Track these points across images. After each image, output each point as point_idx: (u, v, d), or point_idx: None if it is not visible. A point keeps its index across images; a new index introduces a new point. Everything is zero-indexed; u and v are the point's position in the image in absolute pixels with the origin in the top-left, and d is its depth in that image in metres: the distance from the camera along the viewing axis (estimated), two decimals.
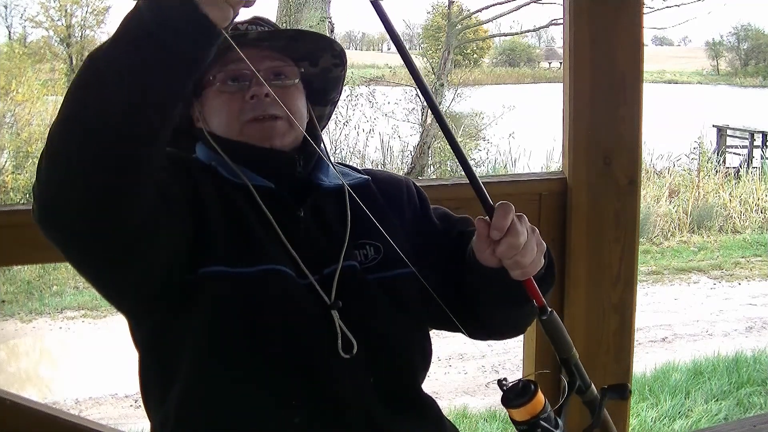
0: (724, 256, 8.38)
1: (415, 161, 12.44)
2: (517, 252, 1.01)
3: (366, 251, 1.18)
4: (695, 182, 10.35)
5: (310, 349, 1.10)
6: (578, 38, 1.86)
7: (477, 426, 4.29)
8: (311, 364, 1.09)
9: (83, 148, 0.90)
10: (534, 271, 1.04)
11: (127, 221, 0.95)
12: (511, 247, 1.01)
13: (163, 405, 1.12)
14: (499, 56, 39.79)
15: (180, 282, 1.06)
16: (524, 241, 1.01)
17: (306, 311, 1.10)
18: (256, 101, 1.15)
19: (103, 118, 0.89)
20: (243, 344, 1.08)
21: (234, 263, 1.07)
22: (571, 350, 1.08)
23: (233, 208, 1.11)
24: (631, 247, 1.93)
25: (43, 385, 5.61)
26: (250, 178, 1.14)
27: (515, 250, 1.01)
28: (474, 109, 14.39)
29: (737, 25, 44.80)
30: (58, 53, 19.61)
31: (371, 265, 1.18)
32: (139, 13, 0.87)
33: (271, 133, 1.15)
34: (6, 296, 7.28)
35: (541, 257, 1.05)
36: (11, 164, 11.12)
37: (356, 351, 1.09)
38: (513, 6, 13.55)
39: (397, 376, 1.18)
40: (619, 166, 1.90)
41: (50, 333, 6.42)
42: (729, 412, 4.26)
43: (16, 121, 12.72)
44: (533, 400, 1.01)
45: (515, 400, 1.01)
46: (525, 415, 1.01)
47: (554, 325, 1.06)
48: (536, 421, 1.00)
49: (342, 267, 1.14)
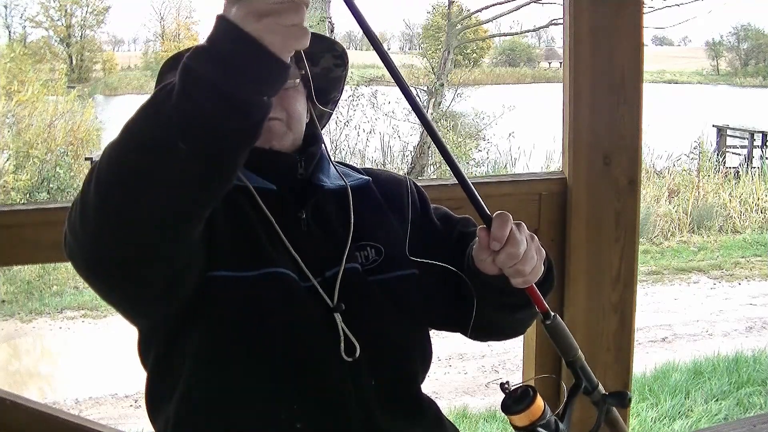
0: (724, 256, 8.39)
1: (415, 161, 12.45)
2: (517, 261, 1.01)
3: (367, 253, 1.18)
4: (695, 182, 10.35)
5: (312, 352, 1.09)
6: (578, 38, 1.86)
7: (477, 426, 4.29)
8: (313, 368, 1.09)
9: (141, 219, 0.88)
10: (535, 278, 1.04)
11: (177, 265, 0.97)
12: (510, 256, 1.01)
13: (165, 408, 1.12)
14: (499, 56, 39.76)
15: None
16: (524, 249, 1.01)
17: (308, 314, 1.10)
18: None
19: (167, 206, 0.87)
20: (245, 347, 1.08)
21: (237, 267, 1.07)
22: (576, 353, 1.08)
23: (235, 211, 1.11)
24: (631, 247, 1.93)
25: (43, 385, 5.61)
26: (251, 180, 1.13)
27: (515, 259, 1.01)
28: (474, 109, 14.39)
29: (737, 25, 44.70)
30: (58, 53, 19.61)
31: (372, 266, 1.17)
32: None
33: (269, 135, 1.13)
34: (6, 296, 7.28)
35: (541, 264, 1.05)
36: (12, 164, 11.13)
37: (358, 354, 1.09)
38: (513, 6, 13.56)
39: (398, 378, 1.18)
40: (619, 166, 1.90)
41: (50, 333, 6.42)
42: (729, 412, 4.26)
43: (16, 122, 12.72)
44: (532, 405, 1.01)
45: (514, 407, 1.02)
46: (524, 420, 1.01)
47: (558, 330, 1.06)
48: (534, 428, 1.01)
49: (344, 269, 1.13)
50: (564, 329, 1.06)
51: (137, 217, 0.86)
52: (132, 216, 0.86)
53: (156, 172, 0.83)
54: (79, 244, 0.94)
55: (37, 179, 10.88)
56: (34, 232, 1.63)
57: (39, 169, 11.11)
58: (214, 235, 1.06)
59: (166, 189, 0.85)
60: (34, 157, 11.51)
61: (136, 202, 0.85)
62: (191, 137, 0.81)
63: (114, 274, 0.95)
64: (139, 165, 0.84)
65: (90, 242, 0.92)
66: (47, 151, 12.06)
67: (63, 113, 14.00)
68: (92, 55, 33.45)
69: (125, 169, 0.85)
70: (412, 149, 12.81)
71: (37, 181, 10.86)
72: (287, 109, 1.15)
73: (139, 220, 0.87)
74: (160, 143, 0.82)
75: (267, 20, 0.78)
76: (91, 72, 32.13)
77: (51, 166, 11.27)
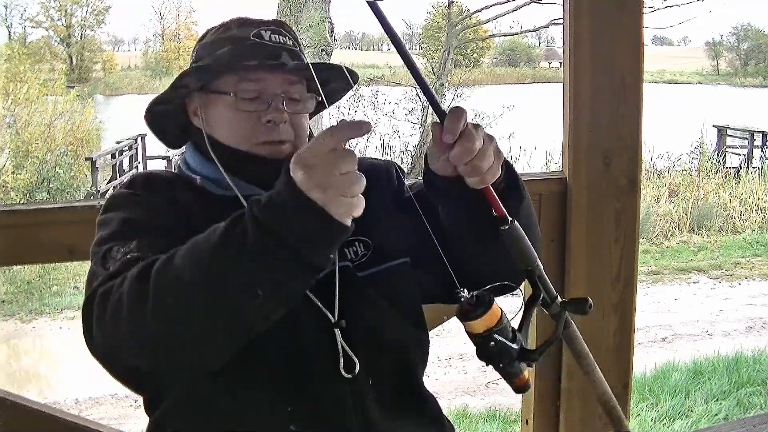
0: (724, 256, 8.40)
1: (415, 161, 12.46)
2: (472, 156, 0.98)
3: (355, 248, 1.17)
4: (695, 182, 10.36)
5: (307, 355, 1.09)
6: (578, 38, 1.86)
7: (477, 426, 4.29)
8: (308, 370, 1.09)
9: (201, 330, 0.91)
10: (492, 178, 1.01)
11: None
12: (465, 151, 0.98)
13: (159, 415, 1.13)
14: (499, 56, 39.81)
15: None
16: (480, 146, 0.98)
17: (301, 317, 1.09)
18: (272, 126, 1.14)
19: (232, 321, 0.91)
20: (238, 351, 1.07)
21: None
22: (535, 262, 1.05)
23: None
24: (631, 247, 1.93)
25: (43, 385, 5.61)
26: (241, 189, 1.13)
27: (470, 154, 0.98)
28: (474, 109, 14.41)
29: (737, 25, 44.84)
30: (58, 53, 19.64)
31: (361, 261, 1.17)
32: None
33: (277, 156, 1.15)
34: (6, 296, 7.29)
35: (498, 165, 1.02)
36: (11, 164, 11.14)
37: (357, 370, 1.09)
38: (513, 6, 13.60)
39: (395, 374, 1.18)
40: (619, 166, 1.90)
41: (50, 333, 6.42)
42: (729, 412, 4.26)
43: (15, 121, 12.73)
44: (489, 311, 1.00)
45: (471, 312, 1.00)
46: (481, 327, 1.00)
47: (516, 236, 1.03)
48: (490, 334, 1.00)
49: (337, 269, 1.13)
50: (522, 236, 1.03)
51: (196, 339, 0.92)
52: (191, 338, 0.91)
53: (226, 309, 0.90)
54: (117, 347, 0.94)
55: (36, 179, 10.89)
56: (34, 232, 1.63)
57: (39, 169, 11.12)
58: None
59: (231, 320, 0.91)
60: (34, 157, 11.52)
61: (200, 329, 0.91)
62: (268, 290, 0.89)
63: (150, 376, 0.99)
64: (213, 302, 0.89)
65: (134, 351, 0.93)
66: (47, 151, 12.07)
67: (62, 113, 14.01)
68: (92, 55, 33.48)
69: (194, 302, 0.89)
70: (412, 149, 12.83)
71: (36, 181, 10.86)
72: (296, 130, 1.17)
73: (197, 342, 0.92)
74: (239, 289, 0.88)
75: (331, 191, 0.85)
76: (91, 72, 32.15)
77: (51, 166, 11.28)
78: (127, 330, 0.91)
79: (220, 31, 1.19)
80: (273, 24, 1.20)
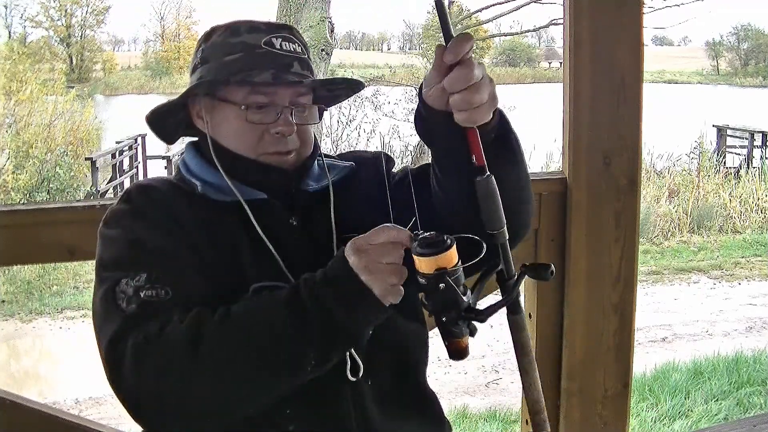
0: (724, 256, 8.40)
1: (415, 161, 12.45)
2: (467, 85, 0.95)
3: None
4: (695, 182, 10.36)
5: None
6: (578, 38, 1.86)
7: (477, 426, 4.29)
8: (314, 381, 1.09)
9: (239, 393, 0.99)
10: (481, 119, 0.98)
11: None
12: (462, 76, 0.95)
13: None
14: (499, 56, 39.83)
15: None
16: (477, 78, 0.95)
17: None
18: (280, 137, 1.14)
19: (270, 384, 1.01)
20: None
21: (230, 290, 1.06)
22: (501, 227, 0.99)
23: (225, 234, 1.11)
24: (631, 247, 1.93)
25: (43, 385, 5.61)
26: (244, 193, 1.13)
27: (466, 82, 0.95)
28: None
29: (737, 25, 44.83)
30: (58, 53, 19.63)
31: None
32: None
33: (283, 164, 1.16)
34: (6, 296, 7.29)
35: (490, 109, 0.99)
36: (11, 164, 11.14)
37: (361, 374, 1.10)
38: (513, 6, 13.59)
39: (395, 374, 1.18)
40: (619, 166, 1.90)
41: (50, 333, 6.42)
42: (729, 412, 4.26)
43: (15, 121, 12.73)
44: (444, 253, 0.93)
45: (425, 248, 0.94)
46: (431, 266, 0.94)
47: (488, 191, 0.98)
48: (442, 275, 0.93)
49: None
50: (494, 194, 0.98)
51: (243, 400, 0.99)
52: (239, 411, 0.99)
53: (279, 382, 1.00)
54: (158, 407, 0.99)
55: (36, 179, 10.89)
56: (34, 232, 1.63)
57: (39, 169, 11.12)
58: (208, 267, 1.07)
59: (277, 384, 1.00)
60: (34, 157, 11.52)
61: (248, 390, 0.99)
62: (321, 361, 1.00)
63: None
64: (268, 371, 0.99)
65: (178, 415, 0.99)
66: (47, 151, 12.08)
67: (62, 113, 14.01)
68: (92, 55, 33.48)
69: (248, 368, 0.98)
70: (412, 149, 12.82)
71: (36, 181, 10.86)
72: (303, 139, 1.17)
73: (242, 401, 0.99)
74: (295, 361, 0.99)
75: (377, 275, 0.96)
76: (91, 72, 32.15)
77: (51, 166, 11.27)
78: (173, 395, 0.97)
79: (229, 33, 1.18)
80: (284, 30, 1.19)
